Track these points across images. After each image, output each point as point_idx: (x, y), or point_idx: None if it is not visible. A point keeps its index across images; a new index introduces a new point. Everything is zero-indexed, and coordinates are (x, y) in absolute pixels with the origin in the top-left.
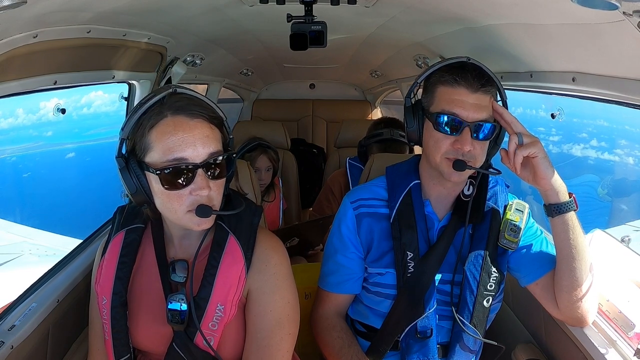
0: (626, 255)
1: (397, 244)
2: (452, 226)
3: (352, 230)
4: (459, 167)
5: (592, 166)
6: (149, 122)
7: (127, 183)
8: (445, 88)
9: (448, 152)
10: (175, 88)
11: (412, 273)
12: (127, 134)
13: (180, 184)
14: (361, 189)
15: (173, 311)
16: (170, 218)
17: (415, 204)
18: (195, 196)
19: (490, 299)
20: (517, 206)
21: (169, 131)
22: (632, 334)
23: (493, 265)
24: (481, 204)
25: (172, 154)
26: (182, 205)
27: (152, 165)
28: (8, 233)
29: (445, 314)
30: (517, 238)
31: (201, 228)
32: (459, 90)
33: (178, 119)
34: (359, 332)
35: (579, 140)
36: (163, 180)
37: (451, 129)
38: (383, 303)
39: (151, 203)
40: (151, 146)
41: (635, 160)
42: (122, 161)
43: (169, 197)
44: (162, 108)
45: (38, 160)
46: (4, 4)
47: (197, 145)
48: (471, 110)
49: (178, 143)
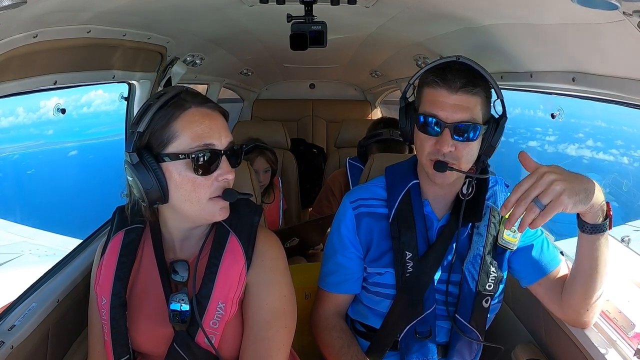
0: (626, 255)
1: (396, 244)
2: (451, 226)
3: (351, 230)
4: (438, 167)
5: (587, 165)
6: (173, 113)
7: (142, 178)
8: (428, 89)
9: (431, 153)
10: (186, 87)
11: (410, 273)
12: (144, 128)
13: (210, 169)
14: (360, 189)
15: (174, 311)
16: (189, 210)
17: (414, 204)
18: (221, 182)
19: (489, 299)
20: None
21: (197, 120)
22: (632, 334)
23: (492, 266)
24: (480, 204)
25: (202, 140)
26: (207, 192)
27: (180, 153)
28: (8, 233)
29: (445, 314)
30: (516, 238)
31: (222, 217)
32: (440, 91)
33: (202, 109)
34: (358, 332)
35: (575, 140)
36: (195, 164)
37: (432, 130)
38: (382, 303)
39: (164, 200)
40: (177, 135)
41: (630, 159)
42: (136, 156)
43: (195, 184)
44: (183, 101)
45: (41, 158)
46: (4, 4)
47: (221, 134)
48: (450, 111)
49: (206, 130)
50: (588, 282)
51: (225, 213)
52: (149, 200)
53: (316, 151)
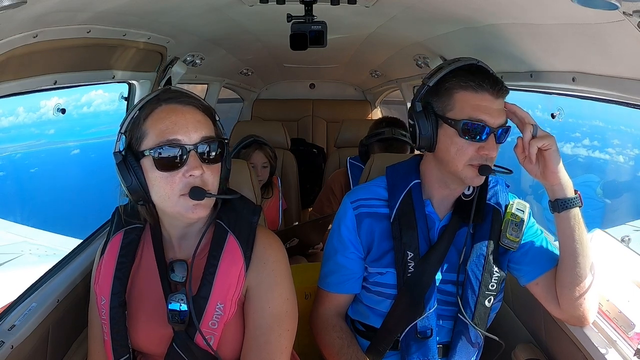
0: (626, 255)
1: (397, 244)
2: (452, 226)
3: (352, 230)
4: (485, 172)
5: (582, 164)
6: (144, 113)
7: (123, 177)
8: (468, 93)
9: (473, 158)
10: (170, 86)
11: (412, 273)
12: (124, 129)
13: (174, 165)
14: (361, 189)
15: (173, 311)
16: (166, 207)
17: (415, 204)
18: (188, 178)
19: (491, 298)
20: (518, 206)
21: (163, 117)
22: (632, 334)
23: (495, 265)
24: (483, 203)
25: (165, 136)
26: (175, 189)
27: (147, 150)
28: (8, 233)
29: (446, 314)
30: (518, 237)
31: (196, 215)
32: (483, 95)
33: (171, 106)
34: (359, 331)
35: (571, 139)
36: (157, 161)
37: (479, 135)
38: (383, 303)
39: (148, 199)
40: (146, 133)
41: (626, 158)
42: (120, 155)
43: (162, 180)
44: (157, 100)
45: (43, 157)
46: (4, 4)
47: (189, 128)
48: (496, 116)
49: (171, 126)
50: (574, 267)
51: (200, 211)
52: (134, 198)
53: (316, 151)
